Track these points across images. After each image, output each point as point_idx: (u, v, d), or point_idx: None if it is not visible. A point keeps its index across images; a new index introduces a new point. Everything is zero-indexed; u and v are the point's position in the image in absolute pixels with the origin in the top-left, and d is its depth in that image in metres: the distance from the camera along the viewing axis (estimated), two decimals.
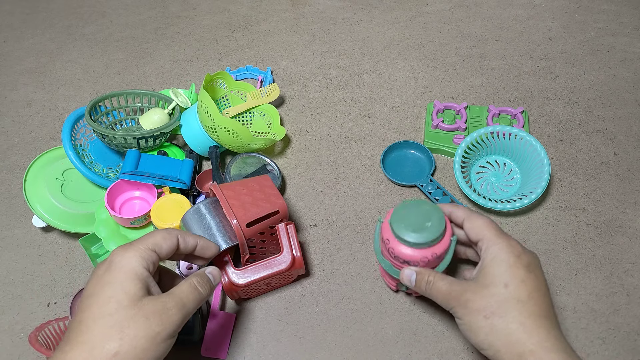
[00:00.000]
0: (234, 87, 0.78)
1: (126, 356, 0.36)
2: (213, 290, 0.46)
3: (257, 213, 0.55)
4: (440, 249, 0.49)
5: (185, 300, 0.41)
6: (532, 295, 0.41)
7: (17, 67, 0.95)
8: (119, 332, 0.36)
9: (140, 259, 0.39)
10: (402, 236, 0.49)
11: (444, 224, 0.49)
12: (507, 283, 0.41)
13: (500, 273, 0.42)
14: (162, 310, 0.38)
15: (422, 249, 0.49)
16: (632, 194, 0.68)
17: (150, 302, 0.38)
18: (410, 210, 0.50)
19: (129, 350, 0.36)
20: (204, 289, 0.43)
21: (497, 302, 0.41)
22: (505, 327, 0.40)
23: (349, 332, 0.59)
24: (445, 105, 0.76)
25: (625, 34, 0.89)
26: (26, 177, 0.65)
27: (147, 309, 0.38)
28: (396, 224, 0.49)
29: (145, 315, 0.37)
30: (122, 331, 0.36)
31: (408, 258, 0.50)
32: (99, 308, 0.37)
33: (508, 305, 0.41)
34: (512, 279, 0.42)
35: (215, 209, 0.56)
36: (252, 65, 0.88)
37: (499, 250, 0.43)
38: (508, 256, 0.43)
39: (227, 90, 0.78)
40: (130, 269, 0.39)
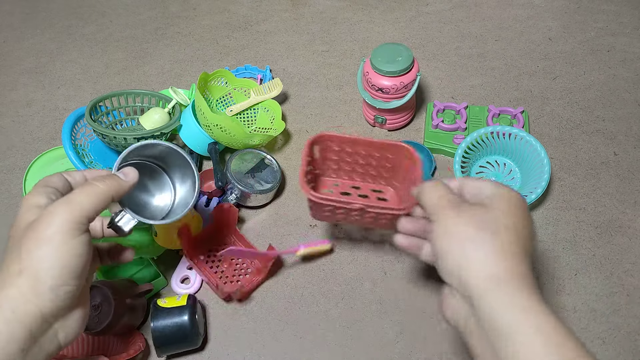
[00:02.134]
0: (237, 84, 0.78)
1: (30, 270, 0.36)
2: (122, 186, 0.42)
3: None
4: (408, 79, 0.67)
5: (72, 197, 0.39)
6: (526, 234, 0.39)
7: (17, 67, 0.95)
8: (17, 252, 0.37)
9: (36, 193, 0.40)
10: (377, 66, 0.66)
11: (411, 60, 0.66)
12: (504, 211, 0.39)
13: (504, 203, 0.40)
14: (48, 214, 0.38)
15: (393, 77, 0.67)
16: (632, 194, 0.68)
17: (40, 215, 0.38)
18: (386, 49, 0.68)
19: (30, 264, 0.36)
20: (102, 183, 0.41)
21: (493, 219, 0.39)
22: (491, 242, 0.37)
23: (349, 332, 0.59)
24: (445, 105, 0.76)
25: (625, 34, 0.89)
26: (26, 177, 0.66)
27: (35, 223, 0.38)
28: (374, 58, 0.67)
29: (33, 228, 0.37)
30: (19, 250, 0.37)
31: (382, 85, 0.67)
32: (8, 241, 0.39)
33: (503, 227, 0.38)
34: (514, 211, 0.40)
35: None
36: (252, 65, 0.88)
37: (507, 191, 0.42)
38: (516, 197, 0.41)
39: (230, 88, 0.78)
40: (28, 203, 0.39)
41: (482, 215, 0.39)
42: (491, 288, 0.36)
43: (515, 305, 0.35)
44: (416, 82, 0.69)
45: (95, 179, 0.41)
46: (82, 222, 0.38)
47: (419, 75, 0.68)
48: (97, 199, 0.39)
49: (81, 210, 0.38)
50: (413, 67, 0.68)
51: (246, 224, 0.69)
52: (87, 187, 0.40)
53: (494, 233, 0.38)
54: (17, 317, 0.36)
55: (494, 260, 0.37)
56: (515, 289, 0.35)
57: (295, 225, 0.68)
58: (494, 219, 0.39)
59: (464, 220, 0.39)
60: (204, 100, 0.67)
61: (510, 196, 0.41)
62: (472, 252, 0.38)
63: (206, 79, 0.74)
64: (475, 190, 0.43)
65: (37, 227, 0.37)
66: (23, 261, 0.37)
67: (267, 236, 0.67)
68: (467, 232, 0.38)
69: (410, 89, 0.69)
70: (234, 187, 0.65)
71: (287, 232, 0.67)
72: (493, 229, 0.38)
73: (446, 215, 0.40)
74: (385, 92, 0.69)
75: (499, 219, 0.39)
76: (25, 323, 0.36)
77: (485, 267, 0.37)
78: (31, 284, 0.36)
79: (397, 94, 0.69)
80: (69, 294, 0.37)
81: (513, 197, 0.41)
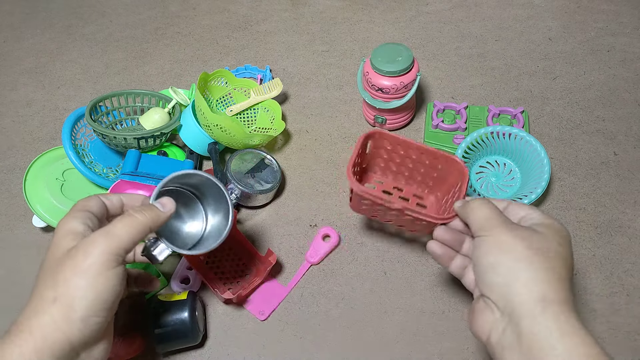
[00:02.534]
0: (237, 84, 0.78)
1: (64, 298, 0.37)
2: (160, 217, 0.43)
3: None
4: (408, 79, 0.66)
5: (111, 228, 0.39)
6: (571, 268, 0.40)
7: (17, 67, 0.94)
8: (53, 279, 0.38)
9: (73, 218, 0.41)
10: (378, 66, 0.66)
11: (411, 60, 0.65)
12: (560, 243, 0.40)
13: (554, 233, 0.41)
14: (87, 244, 0.38)
15: (393, 77, 0.66)
16: (632, 194, 0.68)
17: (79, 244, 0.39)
18: (386, 48, 0.67)
19: (65, 292, 0.37)
20: (141, 214, 0.41)
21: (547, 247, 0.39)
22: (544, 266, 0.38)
23: (349, 332, 0.59)
24: (445, 105, 0.76)
25: (625, 34, 0.89)
26: (26, 177, 0.65)
27: (74, 251, 0.38)
28: (374, 58, 0.67)
29: (72, 256, 0.38)
30: (55, 277, 0.38)
31: (382, 86, 0.67)
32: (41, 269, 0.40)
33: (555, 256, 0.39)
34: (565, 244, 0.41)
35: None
36: (251, 65, 0.88)
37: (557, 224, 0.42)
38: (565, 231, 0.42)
39: (230, 88, 0.78)
40: (64, 228, 0.40)
41: (537, 239, 0.40)
42: (540, 309, 0.36)
43: (562, 330, 0.36)
44: (416, 82, 0.69)
45: (134, 210, 0.41)
46: (119, 254, 0.39)
47: (419, 75, 0.68)
48: (135, 231, 0.40)
49: (119, 242, 0.39)
50: (413, 67, 0.68)
51: (246, 224, 0.69)
52: (126, 219, 0.40)
53: (548, 258, 0.39)
54: (47, 344, 0.36)
55: (547, 283, 0.37)
56: (562, 313, 0.36)
57: (295, 225, 0.68)
58: (548, 245, 0.40)
59: (519, 240, 0.39)
60: (204, 100, 0.67)
61: (560, 228, 0.42)
62: (525, 272, 0.38)
63: (206, 79, 0.74)
64: (521, 215, 0.44)
65: (75, 256, 0.38)
66: (59, 289, 0.37)
67: (267, 236, 0.67)
68: (522, 251, 0.39)
69: (410, 89, 0.69)
70: (234, 187, 0.65)
71: (287, 232, 0.67)
72: (547, 254, 0.39)
73: (500, 232, 0.40)
74: (385, 92, 0.69)
75: (554, 247, 0.40)
76: (54, 351, 0.36)
77: (538, 288, 0.37)
78: (64, 312, 0.37)
79: (397, 94, 0.69)
80: (98, 325, 0.38)
81: (563, 230, 0.42)
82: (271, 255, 0.59)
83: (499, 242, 0.40)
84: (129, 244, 0.39)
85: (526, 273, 0.38)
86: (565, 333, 0.35)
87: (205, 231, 0.55)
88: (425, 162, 0.56)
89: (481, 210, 0.43)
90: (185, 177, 0.50)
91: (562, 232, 0.42)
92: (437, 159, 0.55)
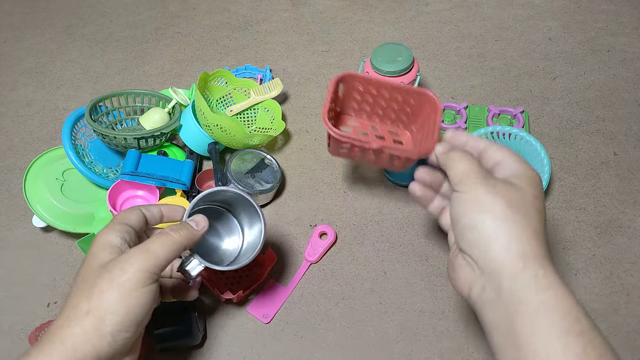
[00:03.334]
0: (237, 84, 0.78)
1: (97, 311, 0.38)
2: (195, 235, 0.45)
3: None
4: (408, 79, 0.67)
5: (149, 246, 0.41)
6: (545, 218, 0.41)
7: (17, 67, 0.95)
8: (89, 291, 0.39)
9: (112, 230, 0.42)
10: (378, 66, 0.66)
11: (411, 59, 0.66)
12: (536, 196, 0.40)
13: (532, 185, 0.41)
14: (124, 260, 0.40)
15: (393, 77, 0.66)
16: (632, 194, 0.68)
17: (116, 259, 0.40)
18: (386, 49, 0.68)
19: (99, 305, 0.38)
20: (177, 233, 0.43)
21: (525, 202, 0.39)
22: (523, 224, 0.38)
23: (349, 332, 0.59)
24: (445, 105, 0.76)
25: (625, 34, 0.89)
26: (26, 177, 0.65)
27: (110, 265, 0.40)
28: (374, 59, 0.67)
29: (109, 270, 0.39)
30: (91, 290, 0.39)
31: None
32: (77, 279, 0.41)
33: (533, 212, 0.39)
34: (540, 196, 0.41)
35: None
36: (251, 65, 0.88)
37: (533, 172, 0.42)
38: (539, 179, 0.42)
39: (230, 88, 0.78)
40: (102, 241, 0.41)
41: (516, 195, 0.39)
42: (520, 267, 0.37)
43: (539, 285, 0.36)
44: (416, 82, 0.69)
45: (170, 229, 0.43)
46: (155, 272, 0.40)
47: (419, 75, 0.69)
48: (171, 250, 0.42)
49: (156, 260, 0.40)
50: (413, 67, 0.68)
51: None
52: (163, 237, 0.42)
53: (526, 215, 0.39)
54: (77, 356, 0.37)
55: (526, 240, 0.38)
56: (540, 268, 0.37)
57: (295, 225, 0.68)
58: (526, 201, 0.39)
59: (498, 198, 0.39)
60: (204, 100, 0.67)
61: (534, 175, 0.42)
62: (504, 230, 0.38)
63: (206, 79, 0.74)
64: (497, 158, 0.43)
65: (112, 270, 0.39)
66: (93, 302, 0.38)
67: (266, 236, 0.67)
68: (501, 210, 0.38)
69: None
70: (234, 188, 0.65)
71: (287, 232, 0.67)
72: (524, 211, 0.39)
73: (477, 188, 0.40)
74: None
75: (530, 201, 0.40)
76: None
77: (517, 246, 0.37)
78: (95, 326, 0.38)
79: None
80: (126, 340, 0.39)
81: (537, 179, 0.42)
82: (271, 255, 0.59)
83: (478, 201, 0.39)
84: (164, 262, 0.41)
85: (505, 232, 0.38)
86: (542, 288, 0.36)
87: (242, 247, 0.56)
88: (397, 99, 0.56)
89: (461, 163, 0.42)
90: (216, 194, 0.51)
91: (535, 180, 0.41)
92: (409, 94, 0.55)
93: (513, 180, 0.41)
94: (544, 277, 0.36)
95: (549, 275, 0.37)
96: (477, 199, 0.40)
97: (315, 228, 0.66)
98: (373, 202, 0.69)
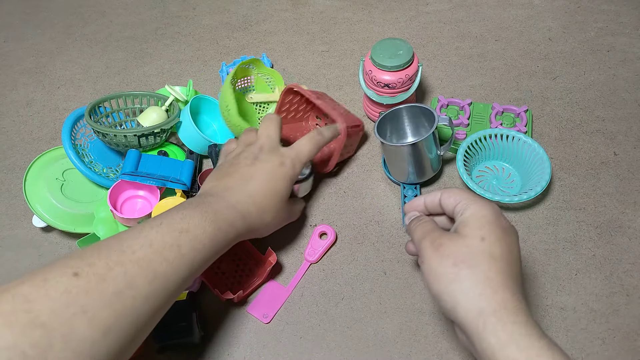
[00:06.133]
0: (263, 71, 0.79)
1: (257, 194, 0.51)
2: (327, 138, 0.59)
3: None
4: (411, 71, 0.68)
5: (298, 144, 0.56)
6: (504, 255, 0.40)
7: (17, 67, 0.95)
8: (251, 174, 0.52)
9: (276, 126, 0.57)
10: (381, 62, 0.66)
11: (412, 52, 0.67)
12: (483, 237, 0.40)
13: (478, 227, 0.41)
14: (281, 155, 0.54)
15: (397, 72, 0.67)
16: (632, 194, 0.68)
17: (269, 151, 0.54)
18: (384, 45, 0.68)
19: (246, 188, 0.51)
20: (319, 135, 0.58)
21: (470, 252, 0.40)
22: (471, 278, 0.39)
23: (349, 332, 0.59)
24: (449, 101, 0.76)
25: (625, 34, 0.89)
26: (26, 177, 0.65)
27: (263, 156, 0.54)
28: (375, 55, 0.67)
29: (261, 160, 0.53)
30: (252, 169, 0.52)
31: (388, 81, 0.67)
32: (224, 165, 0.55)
33: (480, 258, 0.39)
34: (489, 234, 0.40)
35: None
36: (247, 55, 0.89)
37: (480, 208, 0.42)
38: (489, 213, 0.42)
39: (254, 72, 0.79)
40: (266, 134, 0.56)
41: (461, 249, 0.40)
42: (482, 326, 0.37)
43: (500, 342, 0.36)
44: (419, 72, 0.70)
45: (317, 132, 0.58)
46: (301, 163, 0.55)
47: (421, 66, 0.69)
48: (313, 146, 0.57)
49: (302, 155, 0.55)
50: (414, 59, 0.69)
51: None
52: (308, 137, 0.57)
53: (474, 267, 0.39)
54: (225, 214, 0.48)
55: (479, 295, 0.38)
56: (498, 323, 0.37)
57: (295, 225, 0.68)
58: (472, 251, 0.40)
59: (445, 260, 0.40)
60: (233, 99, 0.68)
61: (482, 214, 0.42)
62: (459, 292, 0.39)
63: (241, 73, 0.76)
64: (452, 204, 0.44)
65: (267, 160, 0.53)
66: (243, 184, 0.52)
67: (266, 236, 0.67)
68: (449, 272, 0.40)
69: (414, 80, 0.70)
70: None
71: (287, 232, 0.67)
72: (472, 262, 0.39)
73: (429, 256, 0.42)
74: (392, 87, 0.69)
75: (477, 249, 0.40)
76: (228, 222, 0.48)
77: (473, 305, 0.38)
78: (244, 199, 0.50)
79: (403, 87, 0.69)
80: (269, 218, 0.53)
81: (486, 215, 0.42)
82: (271, 255, 0.59)
83: (432, 270, 0.41)
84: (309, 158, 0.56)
85: (460, 293, 0.39)
86: (503, 344, 0.36)
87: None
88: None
89: (415, 234, 0.46)
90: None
91: (485, 218, 0.41)
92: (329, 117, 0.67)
93: (461, 228, 0.42)
94: (503, 332, 0.36)
95: (507, 328, 0.36)
96: (432, 269, 0.41)
97: (315, 228, 0.66)
98: (373, 202, 0.69)
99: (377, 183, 0.71)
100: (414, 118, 0.67)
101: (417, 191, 0.67)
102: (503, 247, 0.40)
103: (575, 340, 0.56)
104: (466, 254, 0.40)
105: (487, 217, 0.42)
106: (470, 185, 0.63)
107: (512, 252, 0.41)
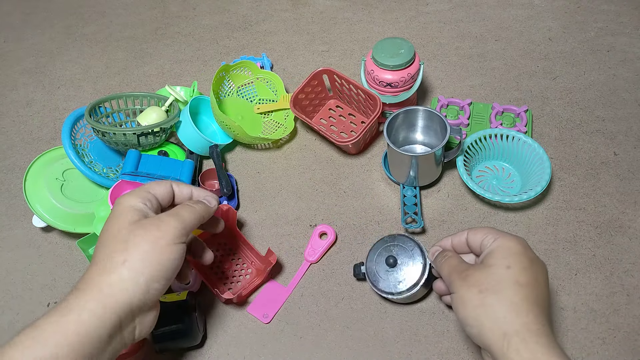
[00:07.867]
0: (260, 74, 0.79)
1: (134, 263, 0.41)
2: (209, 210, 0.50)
3: None
4: (413, 69, 0.68)
5: (178, 211, 0.46)
6: (530, 283, 0.41)
7: (17, 67, 0.95)
8: (124, 244, 0.42)
9: (137, 197, 0.45)
10: (383, 62, 0.66)
11: (413, 50, 0.67)
12: (509, 265, 0.42)
13: (504, 257, 0.43)
14: (159, 220, 0.44)
15: (399, 70, 0.67)
16: (632, 194, 0.68)
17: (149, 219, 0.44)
18: (386, 44, 0.68)
19: (135, 256, 0.41)
20: (198, 205, 0.48)
21: (495, 280, 0.42)
22: (496, 303, 0.40)
23: (349, 332, 0.59)
24: (449, 101, 0.76)
25: (625, 34, 0.89)
26: (26, 177, 0.65)
27: (144, 223, 0.43)
28: (377, 54, 0.67)
29: (143, 227, 0.43)
30: (126, 243, 0.42)
31: (390, 80, 0.67)
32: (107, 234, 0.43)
33: (505, 285, 0.41)
34: (515, 263, 0.42)
35: None
36: (247, 55, 0.89)
37: (506, 240, 0.44)
38: (515, 245, 0.44)
39: (252, 77, 0.79)
40: (129, 204, 0.44)
41: (487, 279, 0.42)
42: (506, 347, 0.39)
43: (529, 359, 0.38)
44: (421, 70, 0.70)
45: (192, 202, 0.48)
46: (184, 234, 0.45)
47: (422, 64, 0.69)
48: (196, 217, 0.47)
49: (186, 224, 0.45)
50: (416, 58, 0.69)
51: (246, 225, 0.69)
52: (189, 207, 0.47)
53: (498, 293, 0.41)
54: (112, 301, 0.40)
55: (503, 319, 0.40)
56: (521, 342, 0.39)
57: (295, 225, 0.68)
58: (497, 279, 0.42)
59: (471, 288, 0.42)
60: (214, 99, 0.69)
61: (509, 245, 0.44)
62: (483, 316, 0.41)
63: (227, 69, 0.75)
64: (479, 240, 0.47)
65: (146, 226, 0.43)
66: (129, 254, 0.41)
67: (267, 236, 0.67)
68: (475, 299, 0.42)
69: (416, 79, 0.70)
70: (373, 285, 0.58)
71: (287, 232, 0.67)
72: (497, 289, 0.41)
73: (458, 287, 0.44)
74: (394, 86, 0.69)
75: (503, 277, 0.42)
76: (116, 310, 0.40)
77: (498, 327, 0.40)
78: (132, 275, 0.41)
79: (405, 86, 0.69)
80: (157, 292, 0.42)
81: (512, 246, 0.44)
82: (271, 255, 0.59)
83: (459, 298, 0.43)
84: (191, 227, 0.46)
85: (486, 317, 0.41)
86: None
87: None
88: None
89: (443, 270, 0.48)
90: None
91: (511, 250, 0.44)
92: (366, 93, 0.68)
93: (487, 260, 0.44)
94: (526, 350, 0.38)
95: (530, 347, 0.38)
96: (460, 297, 0.43)
97: (315, 228, 0.66)
98: (373, 202, 0.69)
99: (377, 183, 0.71)
100: (427, 120, 0.67)
101: (416, 191, 0.67)
102: (529, 276, 0.42)
103: (576, 340, 0.56)
104: (492, 281, 0.42)
105: (512, 249, 0.43)
106: (470, 185, 0.63)
107: (538, 280, 0.42)
